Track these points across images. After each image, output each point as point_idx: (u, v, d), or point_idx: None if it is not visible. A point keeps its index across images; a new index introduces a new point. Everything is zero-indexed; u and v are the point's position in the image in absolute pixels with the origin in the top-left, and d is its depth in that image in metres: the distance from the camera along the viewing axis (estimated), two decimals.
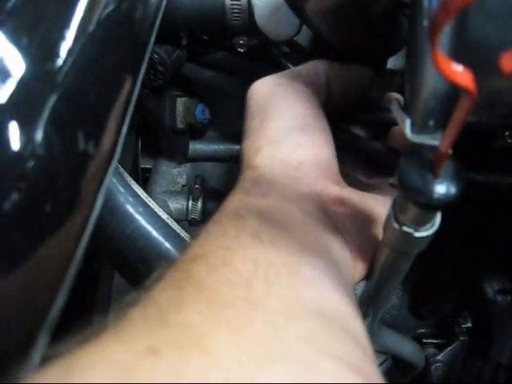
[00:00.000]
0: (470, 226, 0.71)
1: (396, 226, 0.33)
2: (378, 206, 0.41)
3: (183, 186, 0.77)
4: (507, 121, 0.35)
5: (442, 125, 0.33)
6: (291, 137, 0.42)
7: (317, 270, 0.32)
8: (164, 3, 0.47)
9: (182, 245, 0.54)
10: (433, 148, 0.30)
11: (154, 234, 0.53)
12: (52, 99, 0.26)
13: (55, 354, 0.23)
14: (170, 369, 0.22)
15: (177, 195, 0.73)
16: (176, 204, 0.72)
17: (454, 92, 0.31)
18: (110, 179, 0.31)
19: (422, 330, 0.77)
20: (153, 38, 0.43)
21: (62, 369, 0.22)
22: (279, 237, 0.33)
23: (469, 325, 0.73)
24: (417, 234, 0.33)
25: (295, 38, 0.60)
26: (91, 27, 0.31)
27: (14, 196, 0.25)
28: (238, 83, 0.66)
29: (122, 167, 0.57)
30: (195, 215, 0.71)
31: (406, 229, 0.33)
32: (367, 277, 0.42)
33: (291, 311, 0.28)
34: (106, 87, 0.31)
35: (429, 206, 0.30)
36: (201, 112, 0.71)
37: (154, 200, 0.66)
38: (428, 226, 0.33)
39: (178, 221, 0.73)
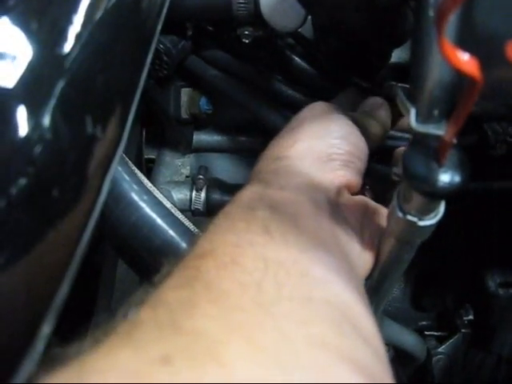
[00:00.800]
0: (472, 219, 0.71)
1: (400, 214, 0.33)
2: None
3: (187, 176, 0.77)
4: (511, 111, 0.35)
5: (446, 114, 0.33)
6: (331, 138, 0.44)
7: (328, 268, 0.32)
8: None
9: (186, 233, 0.54)
10: (437, 137, 0.30)
11: (159, 221, 0.53)
12: (60, 84, 0.26)
13: (66, 355, 0.24)
14: (183, 379, 0.22)
15: (180, 185, 0.73)
16: (179, 194, 0.72)
17: (459, 81, 0.31)
18: (116, 166, 0.31)
19: (424, 323, 0.77)
20: (159, 28, 0.43)
21: (74, 372, 0.22)
22: (290, 231, 0.34)
23: (470, 317, 0.73)
24: (421, 223, 0.33)
25: (300, 30, 0.60)
26: (99, 14, 0.31)
27: (22, 181, 0.25)
28: (239, 87, 0.66)
29: (127, 157, 0.57)
30: (198, 205, 0.71)
31: (410, 218, 0.33)
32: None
33: (302, 314, 0.28)
34: (113, 73, 0.31)
35: (433, 194, 0.30)
36: (205, 103, 0.71)
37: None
38: (432, 214, 0.33)
39: (181, 211, 0.73)
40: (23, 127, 0.26)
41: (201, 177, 0.71)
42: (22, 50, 0.26)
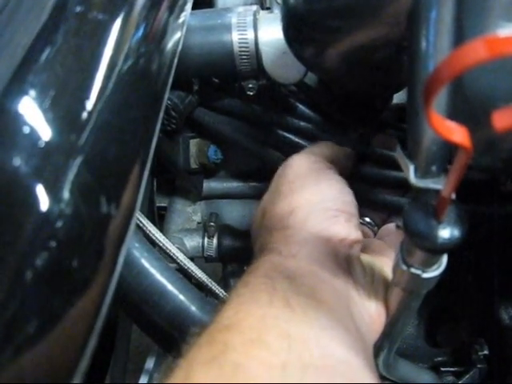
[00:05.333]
0: (483, 252, 0.72)
1: (404, 267, 0.35)
2: (387, 262, 0.44)
3: (198, 222, 0.79)
4: (507, 165, 0.36)
5: (444, 169, 0.34)
6: (326, 202, 0.45)
7: (347, 348, 0.34)
8: (178, 53, 0.49)
9: (195, 297, 0.57)
10: (436, 192, 0.32)
11: (169, 287, 0.56)
12: (75, 167, 0.28)
13: None
14: None
15: (192, 233, 0.75)
16: (192, 242, 0.73)
17: None
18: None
19: (440, 359, 0.76)
20: (168, 88, 0.45)
21: None
22: (310, 304, 0.35)
23: (485, 352, 0.72)
24: (424, 275, 0.34)
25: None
26: (110, 90, 0.33)
27: (46, 254, 0.27)
28: (247, 131, 0.68)
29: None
30: (211, 252, 0.73)
31: (413, 270, 0.34)
32: None
33: None
34: (125, 146, 0.33)
35: (434, 250, 0.31)
36: (213, 152, 0.72)
37: (170, 238, 0.68)
38: (435, 266, 0.34)
39: (194, 258, 0.74)
40: (44, 204, 0.27)
41: (212, 224, 0.73)
42: (40, 136, 0.28)
